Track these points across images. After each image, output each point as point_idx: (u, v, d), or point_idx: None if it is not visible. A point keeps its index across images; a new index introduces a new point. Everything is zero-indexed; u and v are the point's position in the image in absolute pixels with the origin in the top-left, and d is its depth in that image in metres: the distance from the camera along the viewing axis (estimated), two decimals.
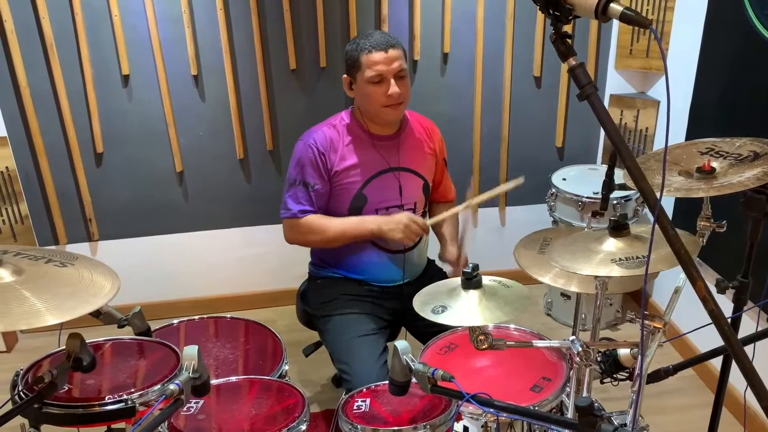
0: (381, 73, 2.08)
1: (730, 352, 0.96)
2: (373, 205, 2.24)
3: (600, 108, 1.03)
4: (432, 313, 1.42)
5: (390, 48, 2.08)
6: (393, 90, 2.09)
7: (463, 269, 1.51)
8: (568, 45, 1.05)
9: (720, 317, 0.97)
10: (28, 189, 3.06)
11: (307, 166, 2.18)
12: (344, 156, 2.20)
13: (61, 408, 1.50)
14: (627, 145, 1.00)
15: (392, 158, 2.24)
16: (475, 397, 1.25)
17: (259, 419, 1.54)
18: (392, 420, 1.55)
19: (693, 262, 0.99)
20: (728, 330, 0.96)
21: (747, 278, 1.83)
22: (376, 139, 2.22)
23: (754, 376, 0.96)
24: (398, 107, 2.15)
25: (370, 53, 2.07)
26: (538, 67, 3.22)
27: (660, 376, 1.70)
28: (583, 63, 1.06)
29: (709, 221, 1.62)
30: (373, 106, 2.14)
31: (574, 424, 1.05)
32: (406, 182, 2.27)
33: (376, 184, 2.22)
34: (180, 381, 1.32)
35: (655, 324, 1.37)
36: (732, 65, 2.54)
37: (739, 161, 1.57)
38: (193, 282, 3.41)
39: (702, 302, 0.98)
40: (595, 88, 1.04)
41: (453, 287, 1.50)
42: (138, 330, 1.89)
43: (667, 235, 0.99)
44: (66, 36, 2.84)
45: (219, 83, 3.03)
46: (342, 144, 2.20)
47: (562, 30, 1.05)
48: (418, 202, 2.32)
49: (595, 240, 1.47)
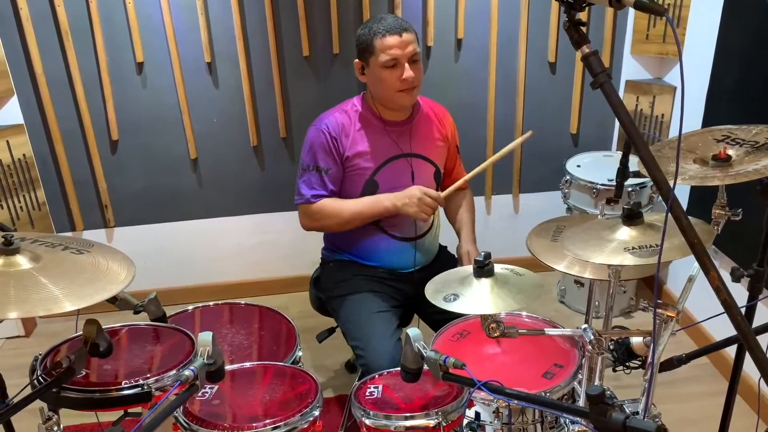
0: (395, 57, 2.07)
1: (743, 342, 0.96)
2: (384, 191, 2.23)
3: (614, 96, 1.02)
4: (444, 301, 1.43)
5: (404, 32, 2.07)
6: (408, 74, 2.08)
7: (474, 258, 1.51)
8: (581, 32, 1.05)
9: (733, 307, 0.97)
10: (45, 176, 3.09)
11: (320, 151, 2.18)
12: (356, 141, 2.20)
13: (79, 392, 1.52)
14: (641, 134, 1.00)
15: (404, 144, 2.23)
16: (486, 385, 1.26)
17: (273, 405, 1.56)
18: (405, 406, 1.56)
19: (706, 251, 0.98)
20: (741, 320, 0.96)
21: (762, 267, 1.82)
22: (388, 124, 2.22)
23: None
24: (412, 92, 2.14)
25: (384, 37, 2.06)
26: (553, 53, 3.20)
27: (673, 365, 1.70)
28: (597, 51, 1.05)
29: (724, 209, 1.61)
30: (387, 91, 2.14)
31: (585, 412, 1.06)
32: (418, 169, 2.26)
33: (387, 170, 2.22)
34: (195, 367, 1.33)
35: (668, 313, 1.37)
36: (750, 51, 2.50)
37: (755, 149, 1.55)
38: (208, 268, 3.43)
39: (715, 292, 0.97)
40: (608, 76, 1.03)
41: (465, 275, 1.51)
42: (153, 316, 1.91)
43: (681, 224, 0.99)
44: (81, 24, 2.85)
45: (232, 70, 3.04)
46: (354, 129, 2.20)
47: (576, 17, 1.04)
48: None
49: (609, 228, 1.47)
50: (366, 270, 2.32)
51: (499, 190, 3.46)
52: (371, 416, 1.51)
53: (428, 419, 1.48)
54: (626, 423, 1.01)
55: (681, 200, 3.27)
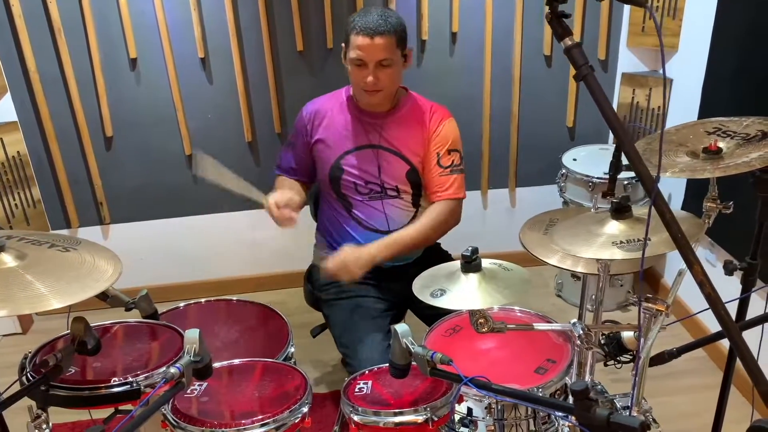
0: (362, 58, 2.05)
1: (727, 336, 0.95)
2: (350, 179, 2.25)
3: (597, 89, 1.01)
4: (431, 297, 1.42)
5: (377, 36, 2.01)
6: (369, 79, 2.06)
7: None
8: (564, 25, 1.03)
9: (717, 301, 0.96)
10: (40, 173, 3.09)
11: (296, 127, 2.32)
12: (328, 126, 2.25)
13: (67, 390, 1.52)
14: (624, 128, 0.99)
15: (374, 135, 2.22)
16: (473, 381, 1.25)
17: (262, 401, 1.55)
18: (394, 402, 1.55)
19: (690, 245, 0.97)
20: (725, 314, 0.95)
21: (756, 259, 1.81)
22: (364, 114, 2.22)
23: (751, 360, 0.94)
24: (375, 94, 2.13)
25: (357, 35, 2.03)
26: (548, 46, 3.18)
27: (664, 359, 1.69)
28: (580, 43, 1.04)
29: (715, 202, 1.60)
30: (355, 86, 2.18)
31: (570, 407, 1.05)
32: (387, 162, 2.24)
33: (353, 158, 2.24)
34: (181, 365, 1.33)
35: (658, 307, 1.36)
36: (746, 42, 2.49)
37: (746, 141, 1.54)
38: (205, 264, 3.43)
39: (699, 286, 0.96)
40: (591, 68, 1.02)
41: (453, 270, 1.50)
42: (145, 313, 1.91)
43: (664, 218, 0.98)
44: (73, 20, 2.85)
45: (226, 66, 3.03)
46: (331, 114, 2.26)
47: (559, 9, 1.03)
48: (401, 186, 2.26)
49: (598, 222, 1.46)
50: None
51: (495, 185, 3.45)
52: (360, 412, 1.51)
53: (417, 415, 1.47)
54: (610, 419, 1.00)
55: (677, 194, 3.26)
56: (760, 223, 1.74)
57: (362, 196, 2.27)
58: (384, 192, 2.27)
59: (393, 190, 2.27)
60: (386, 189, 2.26)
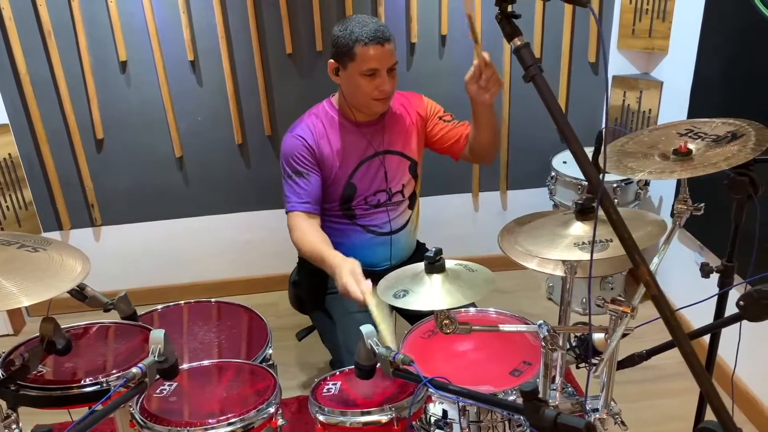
0: (375, 68, 2.05)
1: (673, 337, 0.95)
2: (362, 194, 2.24)
3: (545, 89, 1.02)
4: (394, 298, 1.42)
5: (386, 42, 2.04)
6: (386, 86, 2.08)
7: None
8: (514, 25, 1.04)
9: (662, 303, 0.96)
10: (31, 175, 3.11)
11: (297, 156, 2.17)
12: (330, 146, 2.19)
13: (38, 390, 1.53)
14: (571, 127, 0.99)
15: (377, 142, 2.23)
16: (432, 381, 1.25)
17: (231, 401, 1.56)
18: (362, 402, 1.55)
19: (636, 246, 0.97)
20: (671, 316, 0.95)
21: (732, 261, 1.80)
22: (361, 126, 2.21)
23: (695, 360, 0.94)
24: (386, 101, 2.15)
25: (367, 46, 2.02)
26: (538, 49, 3.17)
27: (634, 361, 1.69)
28: (529, 43, 1.05)
29: (686, 203, 1.59)
30: (363, 97, 2.12)
31: (521, 408, 1.05)
32: (391, 165, 2.25)
33: (362, 172, 2.22)
34: (144, 364, 1.34)
35: (623, 308, 1.35)
36: (733, 44, 2.48)
37: (715, 142, 1.53)
38: (197, 266, 3.44)
39: (645, 286, 0.96)
40: (540, 69, 1.02)
41: (417, 272, 1.50)
42: (124, 314, 1.92)
43: (611, 218, 0.97)
44: (63, 23, 2.87)
45: (216, 68, 3.04)
46: (327, 134, 2.20)
47: (508, 10, 1.03)
48: (406, 185, 2.31)
49: (563, 224, 1.46)
50: None
51: (486, 187, 3.45)
52: (326, 412, 1.51)
53: (382, 415, 1.47)
54: (557, 420, 1.00)
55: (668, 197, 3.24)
56: (735, 225, 1.74)
57: (369, 206, 2.28)
58: (390, 198, 2.29)
59: (398, 191, 2.30)
60: (393, 194, 2.29)
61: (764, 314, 1.24)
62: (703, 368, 0.93)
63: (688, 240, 2.88)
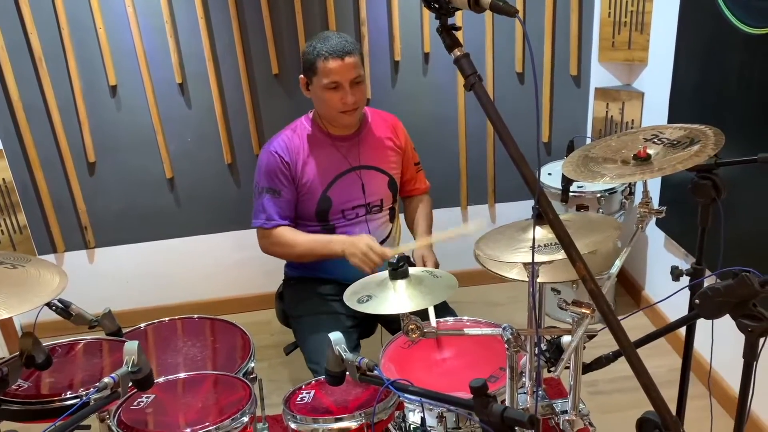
0: (337, 81, 2.11)
1: (610, 330, 0.98)
2: (338, 206, 2.27)
3: (484, 96, 1.06)
4: (358, 303, 1.46)
5: (346, 55, 2.09)
6: (349, 99, 2.13)
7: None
8: (453, 36, 1.08)
9: (599, 296, 0.99)
10: (26, 200, 3.16)
11: (273, 173, 2.23)
12: (306, 160, 2.24)
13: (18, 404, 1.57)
14: (510, 133, 1.03)
15: (353, 157, 2.27)
16: (393, 383, 1.28)
17: (206, 411, 1.59)
18: (335, 410, 1.58)
19: (574, 243, 1.01)
20: (607, 310, 0.98)
21: (701, 264, 1.83)
22: (336, 140, 2.26)
23: (633, 354, 0.97)
24: (354, 113, 2.19)
25: (327, 60, 2.09)
26: (520, 63, 3.23)
27: (602, 363, 1.71)
28: (468, 54, 1.09)
29: (647, 207, 1.63)
30: (330, 111, 2.18)
31: (470, 404, 1.08)
32: (369, 180, 2.30)
33: (339, 185, 2.26)
34: (116, 374, 1.37)
35: (583, 309, 1.38)
36: (707, 53, 2.52)
37: (674, 147, 1.57)
38: (190, 286, 3.48)
39: (582, 281, 1.00)
40: (479, 78, 1.06)
41: (383, 279, 1.54)
42: (108, 330, 1.96)
43: (548, 217, 1.01)
44: (54, 50, 2.94)
45: (204, 90, 3.10)
46: (303, 148, 2.25)
47: (448, 22, 1.08)
48: (384, 199, 2.35)
49: (521, 229, 1.50)
50: (325, 287, 2.35)
51: (474, 201, 3.48)
52: (298, 420, 1.54)
53: (352, 421, 1.50)
54: (504, 414, 1.03)
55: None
56: (702, 228, 1.77)
57: (348, 220, 2.32)
58: (369, 211, 2.33)
59: (377, 206, 2.34)
60: (371, 207, 2.32)
61: (718, 312, 1.26)
62: (641, 362, 0.96)
63: (675, 248, 2.91)
